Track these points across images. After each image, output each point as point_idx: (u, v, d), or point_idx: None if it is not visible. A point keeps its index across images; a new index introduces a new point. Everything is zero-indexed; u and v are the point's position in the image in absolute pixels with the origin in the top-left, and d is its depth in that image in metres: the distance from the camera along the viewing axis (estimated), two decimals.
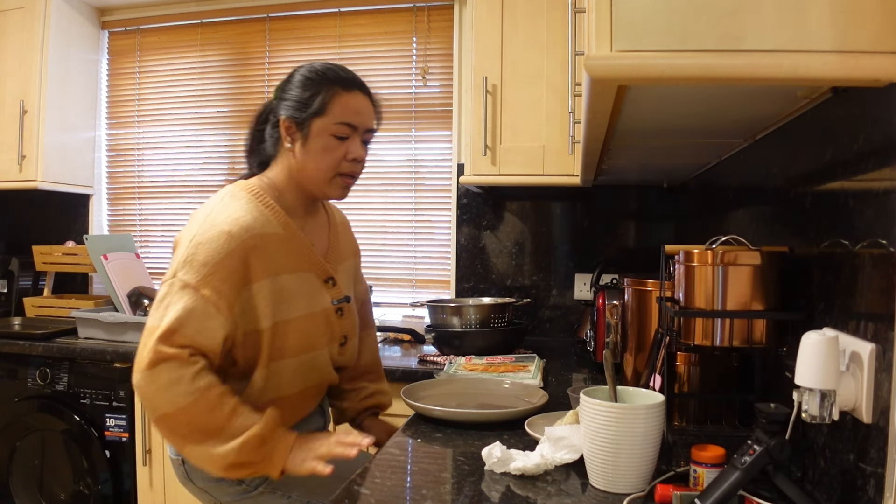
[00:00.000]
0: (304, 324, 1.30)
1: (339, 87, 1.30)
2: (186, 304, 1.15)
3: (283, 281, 1.27)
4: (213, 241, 1.18)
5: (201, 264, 1.17)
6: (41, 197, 2.89)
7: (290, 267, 1.29)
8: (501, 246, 2.59)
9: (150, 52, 2.94)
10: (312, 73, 1.31)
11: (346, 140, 1.31)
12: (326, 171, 1.31)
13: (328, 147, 1.29)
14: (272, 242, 1.25)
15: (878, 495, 0.75)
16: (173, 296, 1.16)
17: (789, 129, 1.10)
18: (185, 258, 1.18)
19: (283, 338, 1.26)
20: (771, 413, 0.85)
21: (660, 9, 0.75)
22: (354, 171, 1.34)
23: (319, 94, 1.28)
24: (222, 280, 1.18)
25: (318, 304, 1.34)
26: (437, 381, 1.57)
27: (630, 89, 0.90)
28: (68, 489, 2.22)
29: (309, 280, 1.33)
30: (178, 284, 1.16)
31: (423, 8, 2.65)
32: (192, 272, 1.17)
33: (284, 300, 1.26)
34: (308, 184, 1.33)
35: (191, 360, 1.14)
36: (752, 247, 1.03)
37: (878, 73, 0.73)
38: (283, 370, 1.28)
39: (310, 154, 1.30)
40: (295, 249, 1.31)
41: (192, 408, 1.14)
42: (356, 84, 1.33)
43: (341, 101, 1.29)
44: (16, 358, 2.26)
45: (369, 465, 1.12)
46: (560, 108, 2.10)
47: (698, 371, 1.29)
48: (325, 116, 1.28)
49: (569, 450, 1.08)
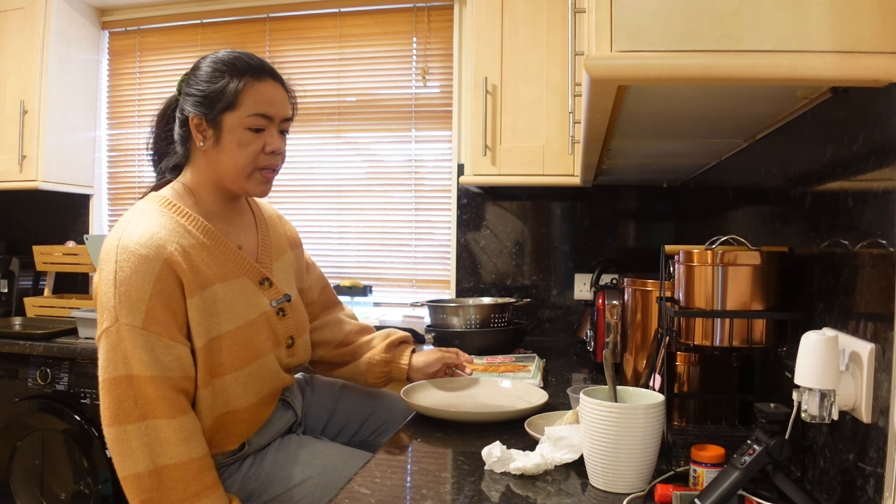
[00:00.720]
0: (241, 334, 1.22)
1: (250, 77, 1.22)
2: (143, 345, 1.10)
3: (214, 292, 1.19)
4: (136, 272, 1.11)
5: (137, 301, 1.10)
6: (41, 197, 2.89)
7: (219, 276, 1.21)
8: (501, 246, 2.59)
9: (151, 52, 2.95)
10: (218, 63, 1.23)
11: (263, 132, 1.24)
12: (244, 167, 1.23)
13: (243, 141, 1.22)
14: (194, 253, 1.18)
15: (877, 495, 0.75)
16: (126, 341, 1.10)
17: (789, 129, 1.10)
18: (118, 300, 1.10)
19: (219, 353, 1.19)
20: (771, 413, 0.85)
21: (660, 9, 0.75)
22: (274, 163, 1.27)
23: (229, 86, 1.20)
24: (162, 310, 1.12)
25: (255, 310, 1.26)
26: (437, 380, 1.57)
27: (630, 89, 0.90)
28: (69, 489, 2.23)
29: (241, 286, 1.25)
30: (125, 330, 1.10)
31: (423, 8, 2.65)
32: (132, 314, 1.10)
33: (217, 313, 1.19)
34: (227, 182, 1.25)
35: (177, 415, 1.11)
36: (752, 247, 1.03)
37: (877, 73, 0.73)
38: (228, 385, 1.21)
39: (224, 151, 1.22)
40: (220, 256, 1.23)
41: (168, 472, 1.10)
42: (267, 72, 1.25)
43: (253, 92, 1.21)
44: (16, 358, 2.26)
45: (369, 465, 1.12)
46: (560, 108, 2.10)
47: (698, 371, 1.29)
48: (237, 110, 1.21)
49: (569, 450, 1.08)
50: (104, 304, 1.12)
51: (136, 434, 1.09)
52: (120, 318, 1.10)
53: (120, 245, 1.13)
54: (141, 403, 1.09)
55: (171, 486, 1.10)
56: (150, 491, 1.10)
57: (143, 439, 1.09)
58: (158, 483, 1.09)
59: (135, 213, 1.20)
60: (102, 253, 1.16)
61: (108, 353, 1.11)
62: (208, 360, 1.18)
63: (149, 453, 1.09)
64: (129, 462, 1.10)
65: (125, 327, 1.10)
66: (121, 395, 1.10)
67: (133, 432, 1.09)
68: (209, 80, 1.22)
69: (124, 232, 1.16)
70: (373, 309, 2.65)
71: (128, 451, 1.10)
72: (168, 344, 1.12)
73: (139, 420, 1.09)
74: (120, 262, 1.12)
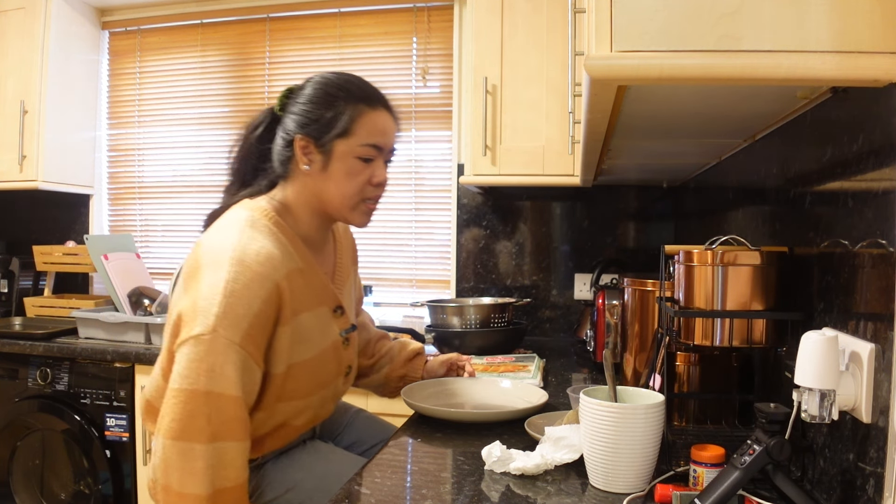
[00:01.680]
0: (314, 364, 1.19)
1: (365, 105, 1.19)
2: (236, 363, 1.04)
3: (302, 321, 1.16)
4: (248, 288, 1.06)
5: (242, 317, 1.05)
6: (42, 197, 2.89)
7: (308, 304, 1.18)
8: (501, 246, 2.59)
9: (151, 52, 2.95)
10: (332, 87, 1.19)
11: (371, 162, 1.20)
12: (351, 196, 1.20)
13: (353, 171, 1.18)
14: (295, 279, 1.14)
15: (877, 495, 0.75)
16: (219, 355, 1.03)
17: (789, 129, 1.10)
18: (223, 310, 1.04)
19: (294, 380, 1.16)
20: (771, 413, 0.85)
21: (660, 9, 0.75)
22: (378, 195, 1.23)
23: (344, 113, 1.17)
24: (259, 331, 1.08)
25: (327, 339, 1.23)
26: (437, 380, 1.57)
27: (630, 89, 0.90)
28: (69, 489, 2.23)
29: (321, 314, 1.21)
30: (221, 342, 1.03)
31: (423, 8, 2.65)
32: (233, 327, 1.04)
33: (300, 341, 1.16)
34: (328, 209, 1.22)
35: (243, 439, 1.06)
36: (751, 247, 1.03)
37: (877, 73, 0.73)
38: (289, 410, 1.19)
39: (332, 178, 1.18)
40: (312, 283, 1.20)
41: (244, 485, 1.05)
42: (381, 101, 1.22)
43: (368, 121, 1.18)
44: (16, 358, 2.26)
45: (369, 465, 1.12)
46: (560, 108, 2.10)
47: (698, 371, 1.29)
48: (349, 138, 1.17)
49: (569, 450, 1.08)
50: (202, 309, 1.04)
51: (204, 455, 1.02)
52: (219, 330, 1.03)
53: (235, 256, 1.08)
54: (214, 423, 1.02)
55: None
56: None
57: (209, 461, 1.02)
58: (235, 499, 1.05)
59: (243, 224, 1.14)
60: (207, 259, 1.09)
61: (194, 362, 1.03)
62: (281, 386, 1.15)
63: (212, 476, 1.02)
64: (190, 481, 1.02)
65: (223, 340, 1.03)
66: (194, 410, 1.02)
67: (200, 452, 1.02)
68: (321, 104, 1.18)
69: (239, 242, 1.10)
70: (373, 309, 2.65)
71: (190, 470, 1.02)
72: (253, 366, 1.07)
73: (209, 441, 1.02)
74: (233, 273, 1.06)
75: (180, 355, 1.05)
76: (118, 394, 2.17)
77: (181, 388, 1.03)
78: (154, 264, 2.92)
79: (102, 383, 2.19)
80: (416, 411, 1.41)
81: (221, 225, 1.16)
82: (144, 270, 2.59)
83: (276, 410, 1.17)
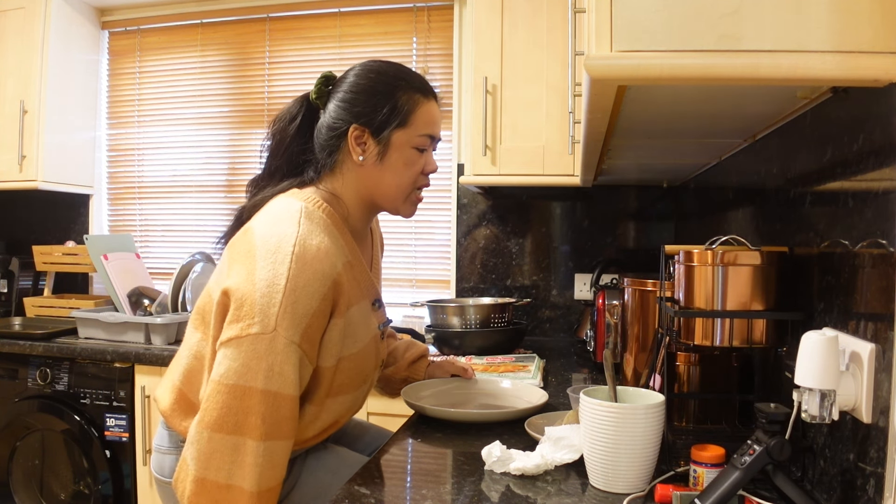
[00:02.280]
0: (361, 357, 1.18)
1: (420, 95, 1.19)
2: (294, 363, 1.03)
3: (353, 314, 1.14)
4: (309, 286, 1.04)
5: (301, 316, 1.03)
6: (41, 197, 2.89)
7: (357, 297, 1.16)
8: (501, 246, 2.59)
9: (151, 52, 2.94)
10: (387, 77, 1.19)
11: (425, 152, 1.21)
12: (407, 186, 1.20)
13: (410, 160, 1.19)
14: (347, 273, 1.12)
15: (877, 495, 0.75)
16: (278, 354, 1.01)
17: (789, 129, 1.10)
18: (284, 309, 1.01)
19: (344, 373, 1.15)
20: (771, 413, 0.85)
21: (660, 9, 0.75)
22: (427, 184, 1.25)
23: (402, 103, 1.17)
24: (316, 330, 1.07)
25: (369, 333, 1.20)
26: (437, 380, 1.57)
27: (630, 89, 0.90)
28: (68, 489, 2.23)
29: (364, 308, 1.20)
30: (282, 342, 1.01)
31: (423, 8, 2.65)
32: (293, 327, 1.02)
33: (350, 335, 1.14)
34: (380, 200, 1.21)
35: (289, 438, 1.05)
36: (752, 247, 1.03)
37: (877, 73, 0.73)
38: (336, 406, 1.18)
39: (389, 168, 1.18)
40: (359, 276, 1.18)
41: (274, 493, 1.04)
42: (432, 91, 1.22)
43: (424, 112, 1.19)
44: (16, 358, 2.26)
45: (369, 465, 1.12)
46: (560, 108, 2.10)
47: (698, 371, 1.29)
48: (408, 128, 1.17)
49: (569, 450, 1.08)
50: (262, 306, 1.01)
51: (255, 451, 1.00)
52: (279, 329, 1.01)
53: (297, 252, 1.04)
54: (268, 422, 1.01)
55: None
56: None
57: (259, 459, 1.00)
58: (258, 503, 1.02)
59: (301, 216, 1.10)
60: (265, 247, 1.05)
61: (252, 360, 1.01)
62: (331, 380, 1.14)
63: (260, 474, 1.01)
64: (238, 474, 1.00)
65: (283, 340, 1.01)
66: (250, 408, 1.01)
67: (252, 449, 1.00)
68: (376, 94, 1.17)
69: (299, 235, 1.07)
70: None
71: (240, 464, 1.00)
72: (307, 365, 1.07)
73: (262, 439, 1.01)
74: (295, 270, 1.03)
75: (236, 351, 1.02)
76: (118, 394, 2.17)
77: (236, 384, 1.01)
78: (154, 264, 2.92)
79: (102, 383, 2.19)
80: (416, 411, 1.41)
81: (275, 213, 1.12)
82: (144, 270, 2.59)
83: (325, 406, 1.16)
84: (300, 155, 1.22)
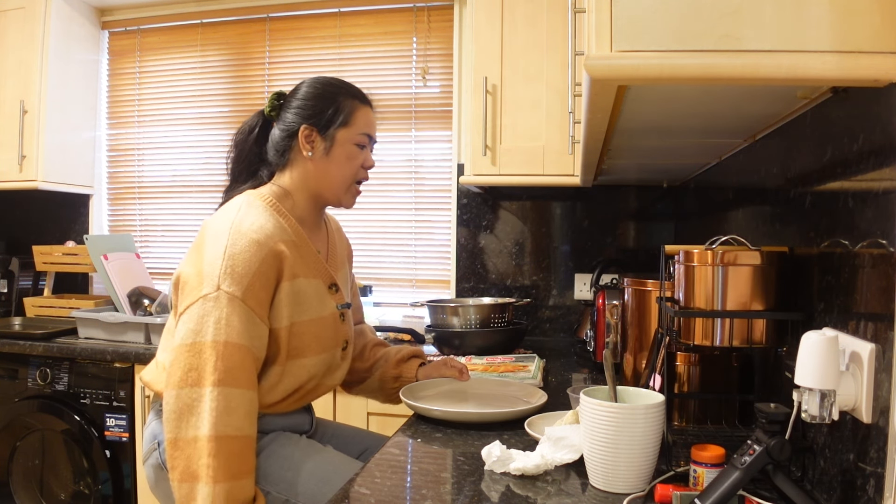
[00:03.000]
0: (316, 326, 1.33)
1: (359, 102, 1.39)
2: (241, 315, 1.17)
3: (300, 284, 1.30)
4: (246, 251, 1.21)
5: (241, 276, 1.19)
6: (41, 197, 2.89)
7: (304, 272, 1.32)
8: (501, 246, 2.59)
9: (151, 52, 2.94)
10: (331, 87, 1.38)
11: (364, 149, 1.40)
12: (348, 178, 1.38)
13: (352, 155, 1.37)
14: (291, 250, 1.29)
15: (877, 495, 0.75)
16: (223, 309, 1.16)
17: (789, 129, 1.10)
18: (224, 271, 1.18)
19: (300, 337, 1.29)
20: (771, 413, 0.85)
21: (660, 9, 0.75)
22: (366, 178, 1.43)
23: (344, 107, 1.36)
24: (261, 289, 1.21)
25: (326, 309, 1.36)
26: (437, 381, 1.57)
27: (630, 89, 0.90)
28: (68, 489, 2.23)
29: (318, 286, 1.35)
30: (224, 297, 1.17)
31: (423, 8, 2.65)
32: (234, 285, 1.18)
33: (300, 302, 1.30)
34: (326, 191, 1.38)
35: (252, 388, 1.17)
36: (752, 247, 1.03)
37: (877, 73, 0.73)
38: (295, 370, 1.31)
39: (334, 161, 1.36)
40: (306, 256, 1.34)
41: (249, 439, 1.15)
42: (368, 100, 1.42)
43: (362, 115, 1.38)
44: (16, 358, 2.26)
45: (369, 465, 1.12)
46: (560, 108, 2.10)
47: (698, 371, 1.29)
48: (350, 127, 1.36)
49: (569, 450, 1.08)
50: (207, 274, 1.19)
51: (209, 398, 1.12)
52: (222, 287, 1.17)
53: (233, 227, 1.23)
54: (220, 369, 1.13)
55: (226, 456, 1.11)
56: (207, 457, 1.11)
57: (213, 404, 1.11)
58: (216, 450, 1.11)
59: (242, 205, 1.29)
60: (209, 233, 1.24)
61: (202, 318, 1.16)
62: (288, 341, 1.28)
63: (215, 420, 1.11)
64: (194, 423, 1.12)
65: (226, 296, 1.17)
66: (202, 360, 1.14)
67: (206, 395, 1.12)
68: (321, 99, 1.36)
69: (236, 217, 1.25)
70: (373, 309, 2.65)
71: (196, 412, 1.12)
72: (257, 321, 1.20)
73: (215, 385, 1.12)
74: (232, 240, 1.21)
75: (188, 315, 1.17)
76: (118, 394, 2.17)
77: (191, 343, 1.15)
78: (154, 264, 2.92)
79: (102, 383, 2.19)
80: (416, 412, 1.41)
81: (223, 208, 1.32)
82: (144, 270, 2.59)
83: (287, 369, 1.29)
84: (257, 160, 1.42)
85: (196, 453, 1.11)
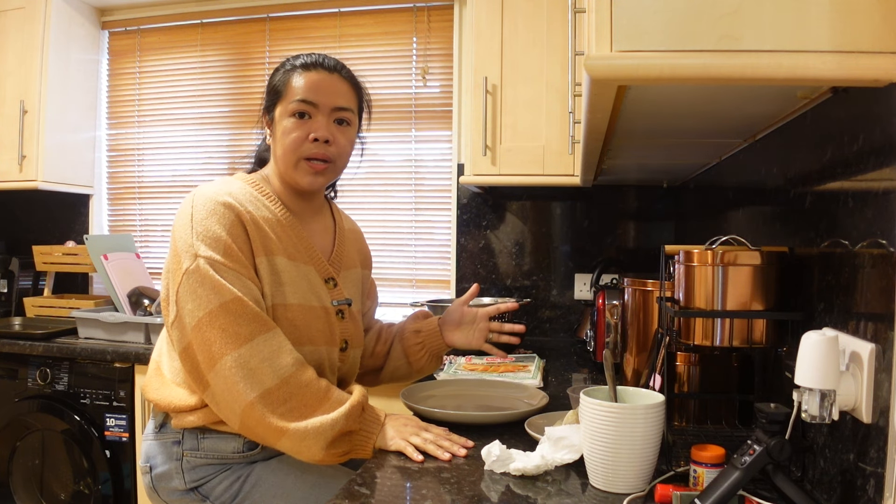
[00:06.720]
0: (301, 312, 1.26)
1: (300, 68, 1.28)
2: (229, 276, 1.14)
3: (278, 262, 1.24)
4: (212, 214, 1.17)
5: (214, 238, 1.15)
6: (41, 197, 2.89)
7: (285, 252, 1.26)
8: (501, 246, 2.59)
9: (151, 52, 2.94)
10: (277, 68, 1.33)
11: (309, 120, 1.26)
12: (289, 154, 1.26)
13: (287, 129, 1.26)
14: (265, 224, 1.24)
15: (877, 495, 0.75)
16: (207, 275, 1.13)
17: (789, 129, 1.10)
18: (196, 237, 1.15)
19: (284, 322, 1.23)
20: (771, 413, 0.85)
21: (659, 9, 0.75)
22: (323, 153, 1.26)
23: (281, 81, 1.29)
24: (238, 251, 1.17)
25: (316, 300, 1.29)
26: (436, 381, 1.57)
27: (630, 89, 0.90)
28: (68, 489, 2.23)
29: (307, 273, 1.29)
30: (206, 263, 1.13)
31: (423, 8, 2.65)
32: (211, 248, 1.15)
33: (281, 283, 1.24)
34: (283, 174, 1.30)
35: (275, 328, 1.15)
36: (752, 247, 1.03)
37: (877, 73, 0.73)
38: None
39: (278, 140, 1.28)
40: (291, 237, 1.28)
41: (294, 378, 1.13)
42: (319, 64, 1.28)
43: (298, 80, 1.26)
44: (16, 358, 2.26)
45: (369, 465, 1.12)
46: (560, 108, 2.10)
47: (698, 371, 1.29)
48: (284, 99, 1.27)
49: (569, 450, 1.08)
50: (181, 246, 1.16)
51: (252, 353, 1.11)
52: (199, 253, 1.14)
53: (196, 194, 1.21)
54: (245, 324, 1.12)
55: (300, 390, 1.12)
56: (285, 402, 1.11)
57: (261, 355, 1.11)
58: (289, 394, 1.12)
59: (217, 180, 1.28)
60: (180, 209, 1.22)
61: (196, 290, 1.13)
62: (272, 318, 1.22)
63: (270, 366, 1.11)
64: (253, 383, 1.10)
65: (205, 261, 1.14)
66: (224, 325, 1.11)
67: (248, 352, 1.11)
68: (271, 82, 1.31)
69: (202, 186, 1.24)
70: None
71: (249, 374, 1.10)
72: (247, 281, 1.17)
73: (249, 340, 1.11)
74: (196, 206, 1.18)
75: (182, 296, 1.14)
76: (118, 394, 2.17)
77: (200, 319, 1.12)
78: (154, 264, 2.92)
79: (102, 383, 2.19)
80: (416, 412, 1.41)
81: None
82: (144, 270, 2.59)
83: None
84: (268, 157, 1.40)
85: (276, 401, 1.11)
